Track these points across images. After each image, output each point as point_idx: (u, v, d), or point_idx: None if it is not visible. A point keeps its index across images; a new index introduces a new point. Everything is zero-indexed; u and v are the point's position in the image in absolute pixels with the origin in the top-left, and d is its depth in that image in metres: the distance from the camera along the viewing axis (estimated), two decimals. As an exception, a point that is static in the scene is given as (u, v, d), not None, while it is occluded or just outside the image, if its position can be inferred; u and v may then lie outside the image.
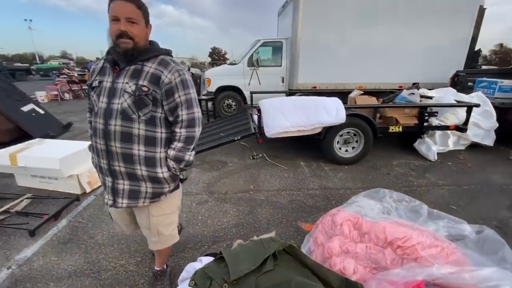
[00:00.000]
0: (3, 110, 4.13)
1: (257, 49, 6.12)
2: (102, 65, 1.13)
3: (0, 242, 1.94)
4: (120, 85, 1.06)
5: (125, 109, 1.05)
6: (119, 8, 0.99)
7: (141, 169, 1.13)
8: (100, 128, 1.08)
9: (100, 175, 1.21)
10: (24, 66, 21.01)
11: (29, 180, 2.78)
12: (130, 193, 1.16)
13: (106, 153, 1.10)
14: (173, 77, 1.08)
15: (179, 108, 1.12)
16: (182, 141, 1.16)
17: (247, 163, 3.60)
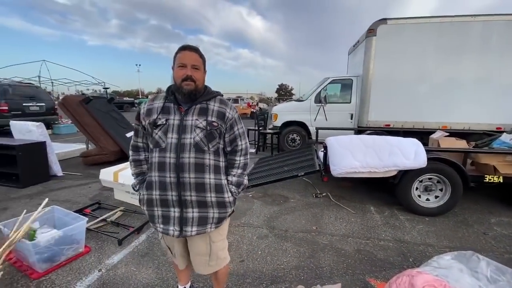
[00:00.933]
0: (113, 135, 5.18)
1: (325, 87, 6.21)
2: (163, 105, 1.24)
3: (96, 246, 2.32)
4: (189, 121, 1.20)
5: (198, 142, 1.19)
6: (186, 56, 1.18)
7: (211, 196, 1.24)
8: (171, 162, 1.18)
9: (158, 210, 1.25)
10: (130, 100, 26.26)
11: (123, 195, 3.32)
12: (199, 221, 1.24)
13: (176, 185, 1.19)
14: (233, 113, 1.30)
15: (238, 139, 1.32)
16: (241, 167, 1.35)
17: (310, 201, 3.48)
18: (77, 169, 4.76)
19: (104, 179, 3.26)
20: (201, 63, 1.22)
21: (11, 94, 8.03)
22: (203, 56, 1.24)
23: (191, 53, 1.19)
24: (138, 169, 1.37)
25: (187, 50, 1.19)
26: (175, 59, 1.21)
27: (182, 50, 1.20)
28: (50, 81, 14.44)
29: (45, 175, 4.03)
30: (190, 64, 1.18)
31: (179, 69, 1.18)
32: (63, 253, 2.06)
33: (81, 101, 5.13)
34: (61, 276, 1.92)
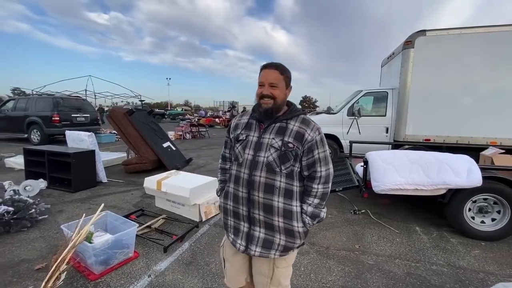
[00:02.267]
0: (151, 145, 5.47)
1: (358, 99, 6.08)
2: (247, 121, 1.27)
3: (144, 251, 2.42)
4: (266, 140, 1.18)
5: (270, 162, 1.15)
6: (265, 75, 1.18)
7: (279, 220, 1.17)
8: (244, 178, 1.18)
9: (230, 219, 1.27)
10: (160, 111, 27.67)
11: (164, 203, 3.46)
12: (264, 242, 1.19)
13: (247, 201, 1.19)
14: (315, 135, 1.17)
15: (317, 164, 1.18)
16: (319, 197, 1.20)
17: (348, 217, 3.36)
18: (119, 176, 5.06)
19: (148, 187, 3.43)
20: (281, 80, 1.18)
21: (62, 106, 8.87)
22: (285, 73, 1.20)
23: (270, 71, 1.18)
24: (223, 177, 1.42)
25: (267, 69, 1.19)
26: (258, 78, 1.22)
27: (263, 68, 1.20)
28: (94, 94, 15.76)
29: (93, 181, 4.35)
30: (268, 82, 1.17)
31: (259, 87, 1.19)
32: (116, 256, 2.18)
33: (125, 113, 5.52)
34: (115, 279, 2.02)
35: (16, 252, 2.31)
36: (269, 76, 1.17)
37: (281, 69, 1.18)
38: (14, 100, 9.47)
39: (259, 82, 1.19)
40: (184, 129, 11.87)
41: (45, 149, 4.26)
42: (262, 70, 1.19)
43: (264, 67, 1.19)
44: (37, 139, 8.48)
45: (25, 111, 8.76)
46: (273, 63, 1.20)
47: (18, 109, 8.95)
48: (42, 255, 2.28)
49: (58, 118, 8.49)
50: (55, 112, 8.50)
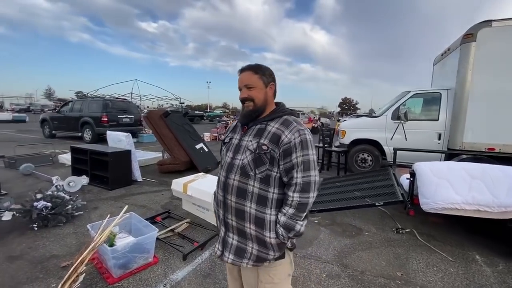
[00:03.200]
0: (185, 147, 5.58)
1: (405, 101, 5.45)
2: (235, 124, 1.28)
3: (164, 257, 2.37)
4: (244, 142, 1.15)
5: (244, 165, 1.11)
6: (240, 79, 1.16)
7: (250, 227, 1.11)
8: (221, 180, 1.17)
9: (217, 223, 1.27)
10: (200, 113, 28.83)
11: (190, 206, 3.43)
12: (237, 250, 1.15)
13: (223, 204, 1.17)
14: (293, 137, 1.06)
15: (294, 170, 1.06)
16: (294, 207, 1.07)
17: (389, 236, 2.93)
18: (153, 175, 5.24)
19: (175, 189, 3.43)
20: (257, 79, 1.14)
21: (110, 108, 9.66)
22: (260, 71, 1.15)
23: (244, 73, 1.16)
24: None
25: (241, 73, 1.17)
26: None
27: (239, 73, 1.18)
28: (139, 97, 17.02)
29: (128, 180, 4.54)
30: (243, 85, 1.15)
31: (240, 93, 1.17)
32: (135, 261, 2.15)
33: (161, 114, 5.72)
34: (132, 285, 1.98)
35: (49, 247, 2.43)
36: (243, 79, 1.14)
37: (255, 68, 1.15)
38: (72, 102, 10.60)
39: (239, 87, 1.17)
40: (219, 131, 12.09)
41: (88, 148, 4.58)
42: (239, 74, 1.17)
43: (239, 72, 1.17)
44: (89, 138, 9.35)
45: (79, 112, 9.73)
46: (247, 66, 1.17)
47: (74, 110, 9.99)
48: (71, 252, 2.36)
49: (106, 119, 9.25)
50: (104, 113, 9.28)
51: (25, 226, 2.76)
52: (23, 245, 2.45)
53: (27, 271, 2.07)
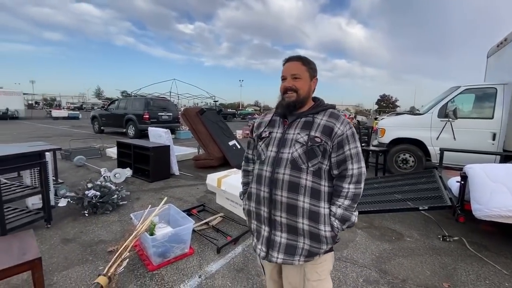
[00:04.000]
0: (218, 143, 5.72)
1: (453, 98, 4.95)
2: (271, 118, 1.22)
3: (199, 249, 2.45)
4: (291, 135, 1.11)
5: (295, 158, 1.07)
6: (287, 67, 1.13)
7: (303, 222, 1.07)
8: (266, 176, 1.12)
9: (253, 222, 1.21)
10: (232, 111, 29.46)
11: (223, 200, 3.51)
12: (287, 248, 1.10)
13: (268, 201, 1.11)
14: (345, 129, 1.08)
15: (348, 162, 1.07)
16: (350, 198, 1.08)
17: (434, 244, 2.69)
18: (189, 170, 5.47)
19: (210, 183, 3.54)
20: (305, 71, 1.13)
21: (151, 106, 10.31)
22: (308, 64, 1.14)
23: (292, 63, 1.14)
24: (245, 179, 1.37)
25: (289, 62, 1.15)
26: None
27: (284, 63, 1.16)
28: (177, 96, 17.88)
29: (167, 173, 4.80)
30: (290, 74, 1.12)
31: (282, 83, 1.15)
32: (173, 250, 2.26)
33: (197, 112, 5.93)
34: (169, 273, 2.08)
35: (97, 233, 2.67)
36: (291, 68, 1.12)
37: (304, 60, 1.14)
38: (117, 101, 11.52)
39: (281, 77, 1.15)
40: (251, 128, 12.21)
41: (131, 142, 4.93)
42: (284, 65, 1.15)
43: (286, 61, 1.15)
44: (132, 133, 10.08)
45: (124, 109, 10.53)
46: (295, 56, 1.15)
47: (120, 108, 10.84)
48: (116, 238, 2.55)
49: (148, 116, 9.89)
50: (146, 111, 9.93)
51: (77, 212, 3.07)
52: (76, 229, 2.72)
53: (78, 253, 2.29)
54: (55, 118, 20.33)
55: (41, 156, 2.59)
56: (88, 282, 1.92)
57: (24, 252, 1.48)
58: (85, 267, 2.11)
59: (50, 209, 2.72)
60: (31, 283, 1.85)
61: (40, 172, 2.61)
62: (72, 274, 2.01)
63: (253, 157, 1.32)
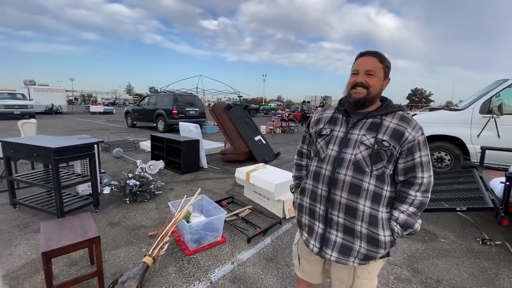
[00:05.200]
0: (245, 138, 5.84)
1: (499, 92, 4.57)
2: (332, 115, 1.19)
3: (230, 238, 2.58)
4: (355, 136, 1.07)
5: (359, 160, 1.04)
6: (362, 62, 1.08)
7: (362, 225, 1.05)
8: (325, 175, 1.10)
9: (305, 217, 1.21)
10: (255, 106, 29.52)
11: (251, 194, 3.62)
12: (342, 248, 1.09)
13: (326, 199, 1.10)
14: (417, 134, 1.02)
15: (418, 169, 1.03)
16: (416, 206, 1.04)
17: (473, 247, 2.57)
18: (216, 164, 5.66)
19: (238, 177, 3.66)
20: (380, 68, 1.07)
21: (179, 101, 10.72)
22: (385, 61, 1.08)
23: (368, 58, 1.08)
24: (298, 173, 1.39)
25: (365, 56, 1.09)
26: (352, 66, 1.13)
27: (359, 56, 1.11)
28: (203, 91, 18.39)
29: (196, 166, 5.03)
30: (364, 69, 1.06)
31: (352, 76, 1.10)
32: (207, 238, 2.41)
33: (224, 107, 6.09)
34: (204, 258, 2.23)
35: (138, 218, 2.91)
36: (366, 63, 1.07)
37: (381, 57, 1.08)
38: (148, 97, 12.12)
39: (353, 71, 1.10)
40: (275, 124, 12.21)
41: (164, 136, 5.22)
42: (358, 58, 1.11)
43: (361, 55, 1.10)
44: (162, 128, 10.57)
45: (154, 105, 11.06)
46: (372, 51, 1.10)
47: (150, 103, 11.40)
48: (155, 224, 2.77)
49: (176, 111, 10.30)
50: (174, 106, 10.35)
51: (119, 199, 3.35)
52: (120, 214, 2.99)
53: (123, 236, 2.53)
54: (92, 113, 21.88)
55: (90, 148, 2.87)
56: (135, 261, 2.12)
57: (85, 230, 1.68)
58: (130, 248, 2.33)
59: (98, 195, 3.01)
60: (87, 259, 2.09)
61: (89, 162, 2.89)
62: (120, 254, 2.23)
63: (308, 152, 1.32)
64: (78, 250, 1.72)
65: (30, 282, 1.85)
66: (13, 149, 2.79)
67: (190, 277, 1.98)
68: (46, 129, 9.98)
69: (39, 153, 2.58)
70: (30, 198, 2.98)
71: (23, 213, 2.89)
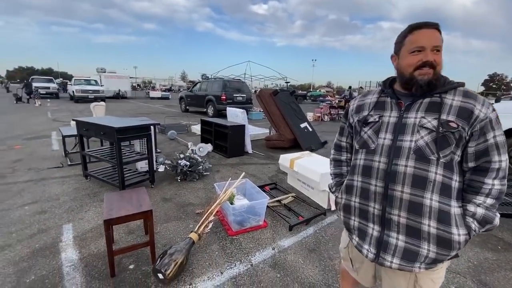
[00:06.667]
0: (290, 125, 5.72)
1: None
2: (377, 100, 1.04)
3: (272, 223, 2.58)
4: (412, 119, 0.93)
5: (421, 147, 0.89)
6: (425, 37, 0.89)
7: (430, 224, 0.89)
8: (379, 168, 0.96)
9: (353, 219, 1.08)
10: (303, 92, 28.64)
11: (294, 181, 3.55)
12: (405, 253, 0.93)
13: (382, 197, 0.96)
14: (488, 111, 0.87)
15: (493, 152, 0.87)
16: (494, 196, 0.88)
17: None
18: (261, 149, 5.69)
19: (282, 163, 3.61)
20: (441, 42, 0.91)
21: (228, 88, 10.97)
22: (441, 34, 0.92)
23: (432, 32, 0.89)
24: (337, 170, 1.26)
25: (425, 29, 0.90)
26: (402, 44, 0.95)
27: (416, 29, 0.91)
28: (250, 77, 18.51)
29: (241, 151, 5.14)
30: (431, 45, 0.88)
31: (412, 55, 0.91)
32: (249, 221, 2.45)
33: (271, 93, 6.01)
34: (246, 240, 2.28)
35: (187, 196, 3.11)
36: (432, 38, 0.89)
37: (439, 28, 0.91)
38: (199, 83, 12.69)
39: (413, 48, 0.91)
40: (323, 111, 11.69)
41: (213, 121, 5.42)
42: (414, 32, 0.92)
43: (418, 27, 0.91)
44: (211, 113, 11.03)
45: (205, 91, 11.55)
46: (432, 22, 0.91)
47: (201, 90, 11.93)
48: (201, 203, 2.93)
49: (225, 97, 10.60)
50: (223, 92, 10.66)
51: (172, 178, 3.63)
52: (171, 191, 3.23)
53: (174, 211, 2.73)
54: (151, 98, 24.01)
55: (147, 129, 3.13)
56: (182, 236, 2.28)
57: (140, 203, 1.85)
58: (179, 223, 2.51)
59: (153, 172, 3.30)
60: (142, 229, 2.32)
61: (147, 141, 3.17)
62: (170, 227, 2.42)
63: (347, 145, 1.21)
64: (134, 220, 1.91)
65: (95, 244, 2.14)
66: (85, 127, 3.21)
67: (231, 257, 2.04)
68: (113, 112, 11.30)
69: (105, 131, 2.92)
70: (99, 171, 3.42)
71: (93, 184, 3.35)
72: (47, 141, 5.71)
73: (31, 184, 3.28)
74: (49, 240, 2.17)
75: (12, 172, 3.71)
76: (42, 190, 3.11)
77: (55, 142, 5.55)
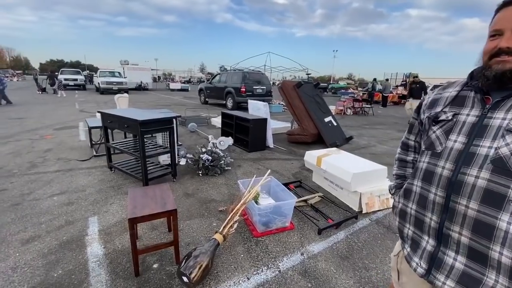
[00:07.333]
0: (314, 119, 5.47)
1: None
2: (457, 94, 0.86)
3: (299, 225, 2.43)
4: (498, 121, 0.74)
5: (504, 157, 0.70)
6: (506, 17, 0.72)
7: (502, 253, 0.70)
8: (442, 175, 0.80)
9: (408, 227, 0.94)
10: (324, 85, 27.73)
11: (320, 180, 3.35)
12: (463, 278, 0.77)
13: (442, 208, 0.80)
14: None
15: None
16: None
17: None
18: (282, 144, 5.51)
19: (308, 160, 3.42)
20: None
21: (247, 79, 10.79)
22: None
23: None
24: (400, 171, 1.09)
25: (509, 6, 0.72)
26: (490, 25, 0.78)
27: (502, 7, 0.74)
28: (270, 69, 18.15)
29: (263, 145, 4.99)
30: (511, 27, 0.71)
31: (490, 40, 0.76)
32: (275, 222, 2.31)
33: (294, 85, 5.77)
34: (273, 243, 2.15)
35: (209, 192, 3.02)
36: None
37: None
38: (219, 75, 12.60)
39: (492, 31, 0.75)
40: (345, 104, 11.22)
41: (234, 113, 5.29)
42: (500, 11, 0.75)
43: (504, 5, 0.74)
44: (231, 105, 10.95)
45: (224, 83, 11.45)
46: None
47: (221, 81, 11.85)
48: (224, 199, 2.83)
49: (244, 89, 10.45)
50: (243, 84, 10.50)
51: (193, 172, 3.56)
52: (193, 186, 3.17)
53: (197, 208, 2.66)
54: (171, 89, 24.38)
55: (171, 121, 3.06)
56: (205, 235, 2.19)
57: (165, 202, 1.77)
58: (202, 220, 2.43)
59: (175, 166, 3.24)
60: (166, 225, 2.26)
61: (169, 134, 3.10)
62: (193, 225, 2.34)
63: (416, 144, 1.04)
64: (158, 219, 1.83)
65: (119, 239, 2.10)
66: (109, 119, 3.20)
67: (258, 261, 1.92)
68: (136, 103, 11.54)
69: (129, 124, 2.88)
70: (123, 163, 3.42)
71: (117, 176, 3.36)
72: (75, 131, 5.89)
73: (59, 175, 3.35)
74: (76, 233, 2.17)
75: (42, 161, 3.83)
76: (70, 181, 3.16)
77: (82, 132, 5.70)
